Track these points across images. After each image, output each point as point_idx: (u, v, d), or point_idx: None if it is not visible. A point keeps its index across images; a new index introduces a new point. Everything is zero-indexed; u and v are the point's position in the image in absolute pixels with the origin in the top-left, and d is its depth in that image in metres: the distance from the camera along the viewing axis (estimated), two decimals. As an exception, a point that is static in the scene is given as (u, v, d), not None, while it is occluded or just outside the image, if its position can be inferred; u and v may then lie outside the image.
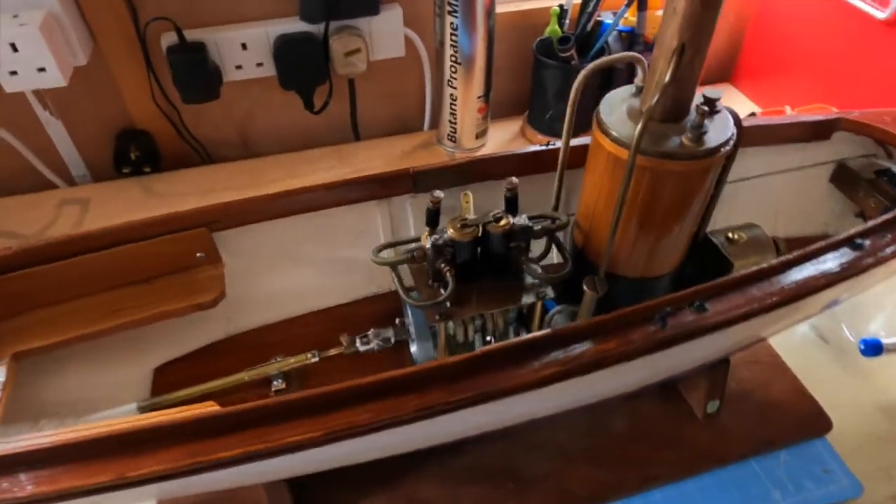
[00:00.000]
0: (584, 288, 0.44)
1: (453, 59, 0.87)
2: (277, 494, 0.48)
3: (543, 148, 0.53)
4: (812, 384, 0.66)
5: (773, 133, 0.57)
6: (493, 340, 0.52)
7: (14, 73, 0.71)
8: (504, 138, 1.03)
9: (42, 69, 0.72)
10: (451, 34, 0.85)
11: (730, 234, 0.55)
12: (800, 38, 0.99)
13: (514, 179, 0.46)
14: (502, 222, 0.44)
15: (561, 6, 0.93)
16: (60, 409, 0.48)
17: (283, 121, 0.97)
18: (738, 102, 1.11)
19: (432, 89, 0.99)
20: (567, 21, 0.95)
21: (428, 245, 0.44)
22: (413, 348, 0.49)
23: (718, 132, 0.41)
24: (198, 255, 0.50)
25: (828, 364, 0.69)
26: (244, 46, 0.85)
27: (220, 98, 0.88)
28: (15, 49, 0.69)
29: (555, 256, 0.52)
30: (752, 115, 0.90)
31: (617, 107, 0.43)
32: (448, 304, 0.45)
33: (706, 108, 0.38)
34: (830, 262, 0.44)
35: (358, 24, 0.88)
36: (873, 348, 0.66)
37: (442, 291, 0.45)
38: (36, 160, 0.88)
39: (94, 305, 0.48)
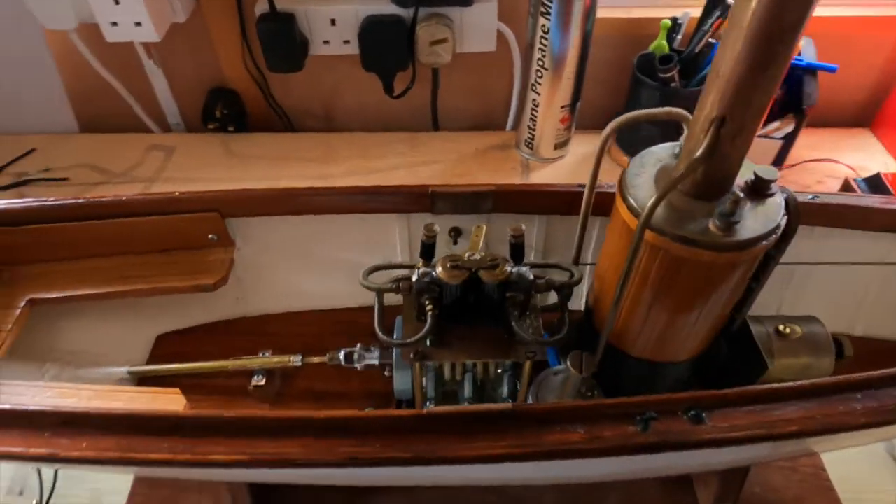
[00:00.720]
0: (568, 364, 0.39)
1: (540, 63, 0.82)
2: (239, 494, 0.48)
3: (580, 189, 0.47)
4: (864, 507, 0.56)
5: (864, 217, 0.47)
6: (482, 385, 0.49)
7: (115, 24, 0.76)
8: (586, 152, 0.96)
9: (139, 24, 0.76)
10: (542, 36, 0.79)
11: (781, 327, 0.47)
12: (965, 93, 0.83)
13: (522, 227, 0.41)
14: (497, 270, 0.40)
15: (674, 19, 0.84)
16: (65, 357, 0.52)
17: (367, 100, 0.97)
18: (872, 153, 0.95)
19: (519, 90, 0.94)
20: (679, 37, 0.85)
21: (414, 279, 0.41)
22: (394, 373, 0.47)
23: (759, 222, 0.34)
24: (210, 236, 0.51)
25: (892, 489, 0.58)
26: (333, 22, 0.85)
27: (307, 70, 0.89)
28: (116, 2, 0.74)
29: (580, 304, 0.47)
30: (877, 175, 0.77)
31: (650, 167, 0.37)
32: (428, 343, 0.42)
33: (741, 195, 0.32)
34: (880, 399, 0.36)
35: (449, 13, 0.84)
36: (951, 489, 0.55)
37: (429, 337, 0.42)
38: (136, 104, 0.94)
39: (108, 267, 0.50)
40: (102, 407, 0.35)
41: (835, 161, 0.87)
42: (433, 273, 0.41)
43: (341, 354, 0.50)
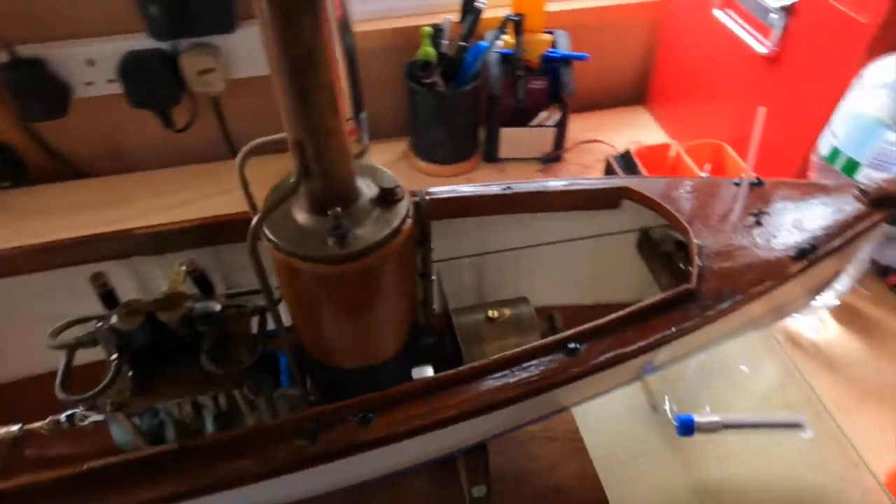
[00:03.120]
0: (245, 391, 0.40)
1: (309, 81, 0.82)
2: None
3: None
4: (628, 458, 0.61)
5: (550, 200, 0.52)
6: (226, 415, 0.49)
7: None
8: (387, 161, 0.98)
9: None
10: (303, 56, 0.80)
11: (490, 312, 0.50)
12: (699, 68, 0.92)
13: (195, 259, 0.42)
14: (174, 309, 0.40)
15: (435, 26, 0.88)
16: None
17: (154, 136, 0.94)
18: (647, 129, 1.04)
19: (305, 108, 0.95)
20: (446, 42, 0.89)
21: (94, 330, 0.41)
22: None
23: (380, 228, 0.36)
24: None
25: (652, 438, 0.64)
26: (91, 63, 0.82)
27: (78, 114, 0.85)
28: None
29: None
30: (627, 153, 0.84)
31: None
32: (129, 392, 0.41)
33: (338, 210, 0.33)
34: (532, 370, 0.39)
35: (212, 41, 0.83)
36: (685, 427, 0.61)
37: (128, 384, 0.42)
38: None
39: None
40: None
41: (600, 141, 0.94)
42: (111, 322, 0.40)
43: (63, 417, 0.48)
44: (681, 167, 0.83)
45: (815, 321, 0.74)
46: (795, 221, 0.48)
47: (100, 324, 0.41)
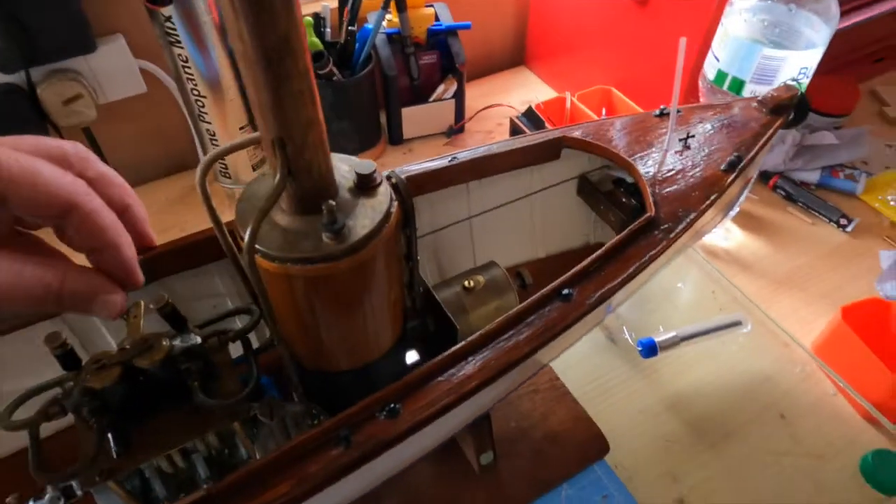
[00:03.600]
0: (258, 415, 0.38)
1: (195, 92, 0.77)
2: None
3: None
4: (602, 391, 0.65)
5: (492, 163, 0.53)
6: (218, 457, 0.45)
7: None
8: (290, 163, 0.94)
9: None
10: (184, 66, 0.74)
11: (466, 283, 0.51)
12: (573, 21, 0.97)
13: (164, 295, 0.38)
14: (153, 351, 0.37)
15: (316, 14, 0.85)
16: None
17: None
18: (533, 86, 1.08)
19: (192, 123, 0.88)
20: (329, 30, 0.87)
21: (59, 397, 0.36)
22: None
23: (369, 217, 0.35)
24: None
25: (617, 367, 0.68)
26: (-74, 112, 0.70)
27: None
28: None
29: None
30: (530, 109, 0.87)
31: (257, 200, 0.36)
32: (114, 454, 0.37)
33: (332, 203, 0.32)
34: (536, 323, 0.41)
35: (72, 65, 0.75)
36: (649, 349, 0.65)
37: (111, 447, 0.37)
38: None
39: None
40: None
41: (500, 105, 0.97)
42: (83, 383, 0.36)
43: (30, 504, 0.42)
44: (579, 115, 0.88)
45: (723, 231, 0.83)
46: (716, 139, 0.52)
47: (67, 388, 0.36)
